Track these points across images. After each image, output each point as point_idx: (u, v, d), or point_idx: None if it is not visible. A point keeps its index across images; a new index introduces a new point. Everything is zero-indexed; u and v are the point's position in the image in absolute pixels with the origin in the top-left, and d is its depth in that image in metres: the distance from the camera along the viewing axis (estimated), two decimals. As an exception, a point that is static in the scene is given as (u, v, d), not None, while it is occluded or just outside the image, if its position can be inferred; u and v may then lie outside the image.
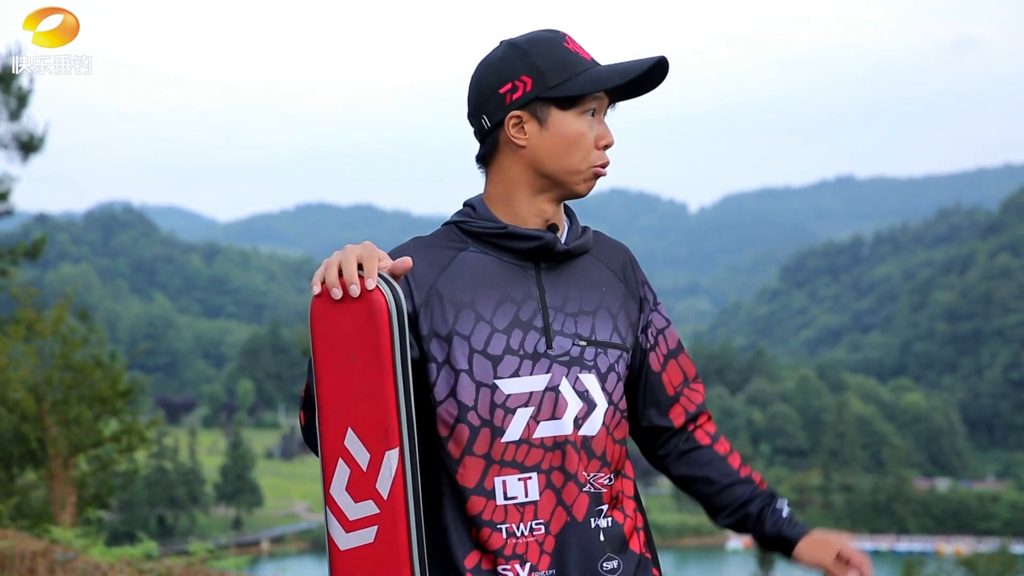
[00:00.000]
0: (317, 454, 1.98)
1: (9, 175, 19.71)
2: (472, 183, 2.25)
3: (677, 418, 2.25)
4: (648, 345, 2.22)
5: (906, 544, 73.46)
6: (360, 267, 1.91)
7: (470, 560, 2.05)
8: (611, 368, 2.12)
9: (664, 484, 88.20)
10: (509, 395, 2.05)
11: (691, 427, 2.27)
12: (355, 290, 1.88)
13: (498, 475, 2.04)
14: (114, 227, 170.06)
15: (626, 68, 2.10)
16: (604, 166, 2.14)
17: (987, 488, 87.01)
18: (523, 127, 2.10)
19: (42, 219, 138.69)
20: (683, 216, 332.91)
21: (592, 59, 2.13)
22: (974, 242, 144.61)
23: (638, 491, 2.20)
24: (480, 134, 2.15)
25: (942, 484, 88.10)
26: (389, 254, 2.08)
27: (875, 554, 74.58)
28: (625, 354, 2.15)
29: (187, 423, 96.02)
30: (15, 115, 19.17)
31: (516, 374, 2.06)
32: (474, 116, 2.14)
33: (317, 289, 1.91)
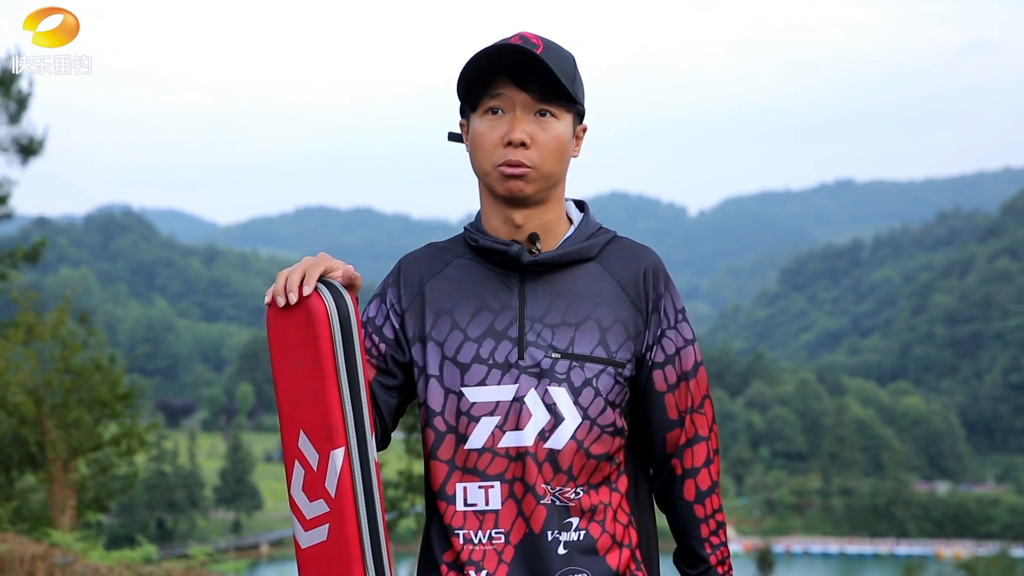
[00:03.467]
0: None
1: (9, 178, 19.69)
2: (471, 188, 2.25)
3: (672, 442, 2.14)
4: (655, 362, 2.12)
5: (906, 548, 73.48)
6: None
7: (447, 556, 2.08)
8: (587, 383, 2.05)
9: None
10: (474, 403, 2.06)
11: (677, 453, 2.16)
12: (292, 297, 1.96)
13: (460, 481, 2.07)
14: (114, 230, 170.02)
15: (473, 58, 2.06)
16: (513, 164, 2.06)
17: (987, 491, 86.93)
18: (466, 134, 2.16)
19: (42, 222, 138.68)
20: (682, 219, 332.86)
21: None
22: (973, 245, 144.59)
23: (643, 507, 2.15)
24: None
25: (942, 487, 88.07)
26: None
27: (875, 557, 74.66)
28: (612, 368, 2.07)
29: (186, 426, 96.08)
30: (15, 118, 19.15)
31: (483, 383, 2.06)
32: None
33: (268, 299, 1.99)
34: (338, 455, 1.95)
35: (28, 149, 19.43)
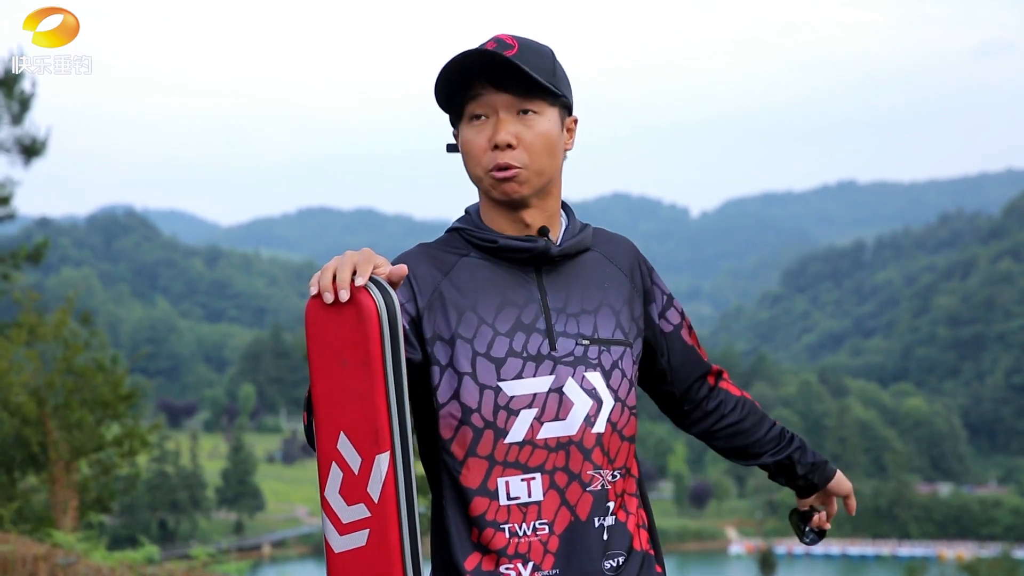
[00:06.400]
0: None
1: (11, 179, 19.68)
2: (472, 189, 2.25)
3: (712, 379, 2.37)
4: (675, 325, 2.28)
5: (908, 549, 73.46)
6: (355, 273, 1.89)
7: (470, 562, 2.06)
8: (615, 365, 2.12)
9: (665, 488, 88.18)
10: (512, 397, 2.06)
11: (721, 383, 2.38)
12: (344, 295, 1.85)
13: (501, 476, 2.06)
14: (116, 231, 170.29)
15: (444, 69, 2.07)
16: (502, 167, 2.08)
17: (989, 493, 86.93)
18: (457, 145, 2.18)
19: (44, 223, 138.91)
20: (685, 221, 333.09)
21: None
22: (976, 247, 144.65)
23: (644, 488, 2.22)
24: None
25: (944, 489, 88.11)
26: (394, 261, 2.11)
27: (877, 559, 74.62)
28: (628, 349, 2.16)
29: (189, 427, 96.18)
30: (17, 119, 19.15)
31: (519, 376, 2.07)
32: None
33: (314, 290, 1.89)
34: (383, 460, 1.89)
35: (31, 150, 19.44)
